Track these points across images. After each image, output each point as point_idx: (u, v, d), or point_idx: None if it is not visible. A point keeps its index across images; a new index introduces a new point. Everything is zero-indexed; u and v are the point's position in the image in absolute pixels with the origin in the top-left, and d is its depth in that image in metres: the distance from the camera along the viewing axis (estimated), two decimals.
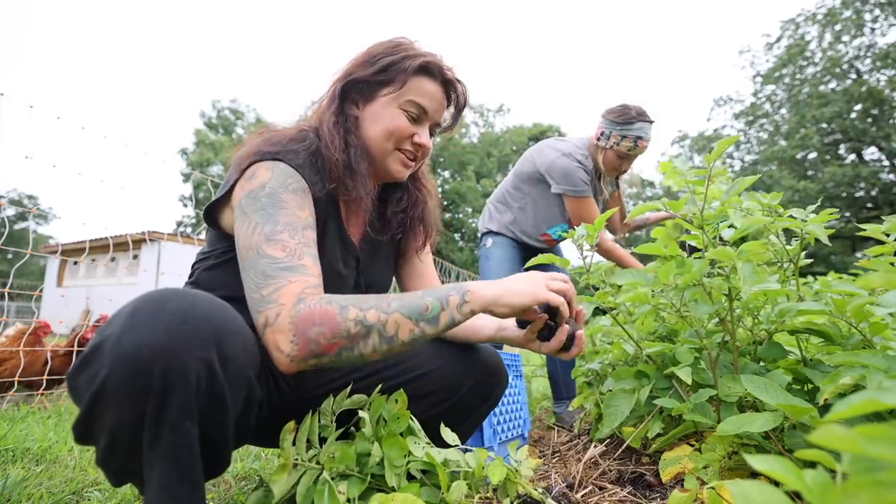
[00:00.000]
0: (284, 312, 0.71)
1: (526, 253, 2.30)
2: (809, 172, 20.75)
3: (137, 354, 0.57)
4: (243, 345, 0.67)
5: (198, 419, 0.61)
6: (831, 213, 1.04)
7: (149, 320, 0.59)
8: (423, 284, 1.14)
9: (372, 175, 0.97)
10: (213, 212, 0.92)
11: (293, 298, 0.72)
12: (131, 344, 0.57)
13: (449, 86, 0.96)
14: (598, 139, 1.98)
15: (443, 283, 1.14)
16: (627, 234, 2.47)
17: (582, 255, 1.25)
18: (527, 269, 2.21)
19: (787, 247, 1.17)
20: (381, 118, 0.93)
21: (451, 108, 1.00)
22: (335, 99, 0.95)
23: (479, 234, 2.40)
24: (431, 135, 1.00)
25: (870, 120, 19.47)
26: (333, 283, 0.94)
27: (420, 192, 1.09)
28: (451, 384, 1.02)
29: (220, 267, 0.94)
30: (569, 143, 2.09)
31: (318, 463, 0.86)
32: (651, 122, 1.93)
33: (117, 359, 0.57)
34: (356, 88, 0.95)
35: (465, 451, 0.96)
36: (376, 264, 1.08)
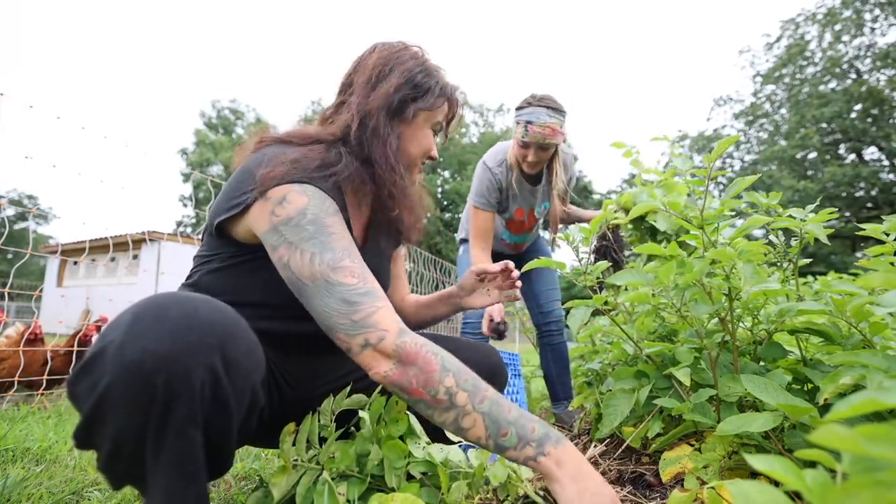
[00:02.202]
0: (389, 339, 0.75)
1: (495, 257, 2.30)
2: (809, 172, 20.75)
3: (141, 362, 0.56)
4: (247, 350, 0.66)
5: (202, 426, 0.60)
6: (831, 213, 1.04)
7: (151, 327, 0.58)
8: (398, 284, 1.23)
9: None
10: (223, 223, 0.88)
11: (395, 325, 0.77)
12: (134, 352, 0.56)
13: (454, 105, 1.05)
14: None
15: (443, 283, 1.16)
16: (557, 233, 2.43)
17: (578, 256, 1.25)
18: (523, 273, 2.22)
19: (785, 246, 1.17)
20: (418, 138, 1.00)
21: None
22: (386, 114, 0.95)
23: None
24: None
25: (870, 120, 19.47)
26: None
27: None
28: None
29: (225, 271, 0.91)
30: (498, 147, 2.04)
31: (317, 463, 0.86)
32: (552, 108, 1.76)
33: (120, 367, 0.56)
34: (402, 102, 0.96)
35: (465, 449, 0.96)
36: (380, 266, 1.08)
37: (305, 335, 0.92)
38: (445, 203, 26.31)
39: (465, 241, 2.29)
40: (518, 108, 1.84)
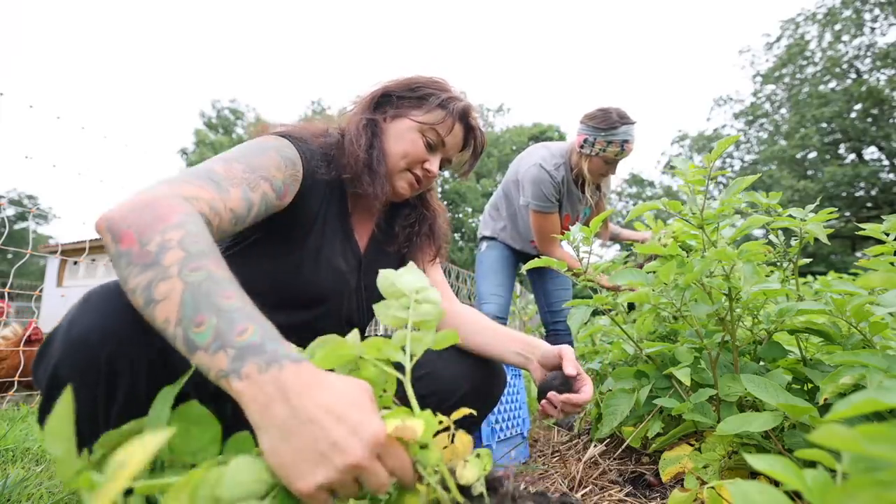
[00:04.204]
0: (159, 190, 0.60)
1: (520, 257, 2.30)
2: (809, 172, 20.75)
3: (85, 339, 0.57)
4: None
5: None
6: (830, 213, 1.04)
7: (99, 306, 0.59)
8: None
9: (388, 181, 1.00)
10: None
11: (181, 191, 0.61)
12: (80, 329, 0.57)
13: (470, 131, 1.03)
14: (582, 147, 1.91)
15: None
16: (608, 243, 2.46)
17: (579, 256, 1.25)
18: (536, 270, 2.21)
19: (785, 246, 1.17)
20: (404, 138, 0.97)
21: (468, 152, 1.06)
22: (369, 106, 1.00)
23: (477, 240, 2.42)
24: (440, 168, 1.05)
25: (870, 119, 19.47)
26: (332, 276, 0.96)
27: (427, 210, 1.14)
28: (450, 386, 1.02)
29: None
30: (548, 150, 2.04)
31: None
32: (633, 123, 1.86)
33: (67, 345, 0.57)
34: (390, 102, 1.00)
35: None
36: (376, 267, 1.09)
37: (293, 326, 0.93)
38: (446, 203, 26.26)
39: (486, 238, 2.29)
40: (608, 128, 1.84)
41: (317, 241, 0.94)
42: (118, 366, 0.57)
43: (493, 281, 2.20)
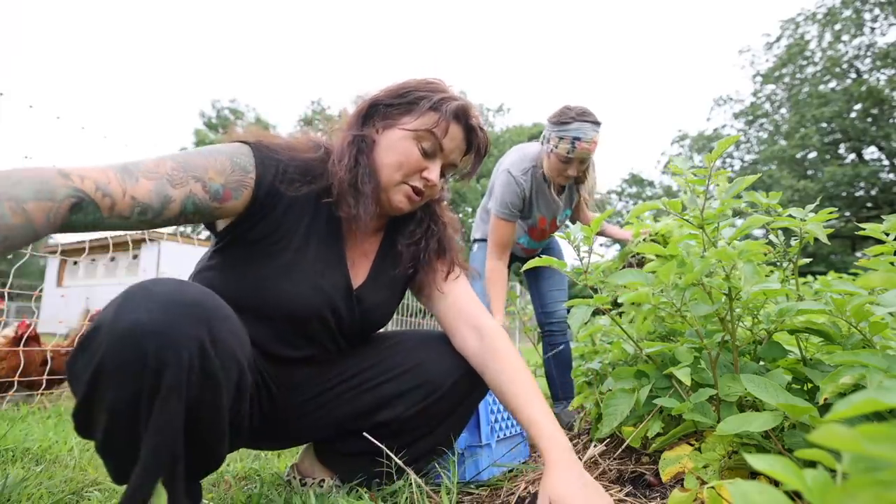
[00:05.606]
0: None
1: (511, 258, 2.30)
2: (809, 172, 20.76)
3: (133, 332, 0.59)
4: (232, 329, 0.69)
5: (192, 398, 0.62)
6: (830, 213, 1.04)
7: (142, 303, 0.61)
8: (458, 316, 1.03)
9: (376, 199, 0.93)
10: None
11: (73, 168, 0.69)
12: (127, 323, 0.59)
13: (471, 132, 0.96)
14: (543, 143, 1.86)
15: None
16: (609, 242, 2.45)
17: (579, 255, 1.25)
18: (530, 270, 2.21)
19: (785, 246, 1.17)
20: (396, 148, 0.91)
21: (471, 155, 1.00)
22: (356, 121, 0.95)
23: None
24: (443, 175, 0.98)
25: (869, 119, 19.49)
26: (311, 295, 0.92)
27: (434, 223, 1.06)
28: (439, 375, 1.02)
29: (202, 273, 0.94)
30: (521, 153, 2.00)
31: None
32: (594, 122, 1.75)
33: (114, 337, 0.59)
34: (379, 113, 0.94)
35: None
36: (377, 293, 1.04)
37: (282, 338, 0.95)
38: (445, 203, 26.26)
39: (478, 240, 2.29)
40: (560, 123, 1.77)
41: (292, 257, 0.90)
42: (165, 357, 0.59)
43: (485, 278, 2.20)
